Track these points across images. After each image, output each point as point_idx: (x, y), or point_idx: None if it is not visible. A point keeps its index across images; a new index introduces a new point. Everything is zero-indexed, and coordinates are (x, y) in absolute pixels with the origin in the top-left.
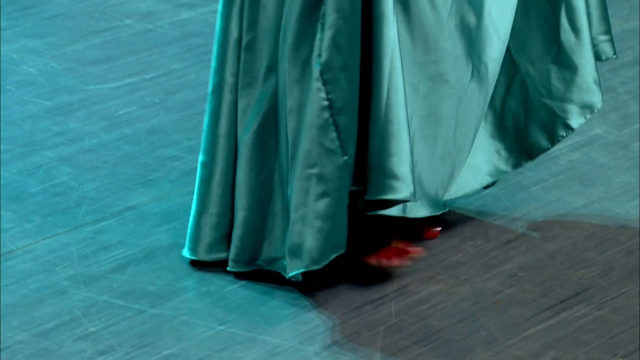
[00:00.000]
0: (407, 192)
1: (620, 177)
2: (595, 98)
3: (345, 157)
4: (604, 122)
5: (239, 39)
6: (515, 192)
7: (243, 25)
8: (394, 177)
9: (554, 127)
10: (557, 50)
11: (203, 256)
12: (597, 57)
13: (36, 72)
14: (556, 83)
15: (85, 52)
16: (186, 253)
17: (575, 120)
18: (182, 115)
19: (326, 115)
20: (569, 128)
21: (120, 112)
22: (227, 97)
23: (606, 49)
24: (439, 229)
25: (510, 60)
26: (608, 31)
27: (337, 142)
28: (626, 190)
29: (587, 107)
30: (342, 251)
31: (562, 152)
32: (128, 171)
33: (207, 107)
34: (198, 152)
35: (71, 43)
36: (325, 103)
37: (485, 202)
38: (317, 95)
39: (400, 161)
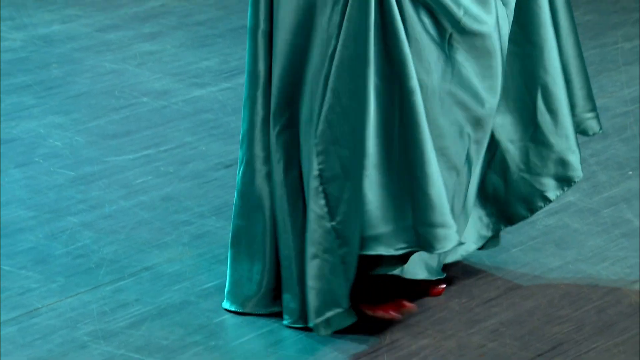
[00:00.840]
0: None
1: (592, 241)
2: (573, 172)
3: (332, 223)
4: (576, 191)
5: (267, 117)
6: (496, 254)
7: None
8: (445, 226)
9: (533, 198)
10: (534, 129)
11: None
12: (584, 132)
13: (61, 145)
14: (534, 159)
15: (106, 127)
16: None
17: (553, 192)
18: (193, 183)
19: (316, 183)
20: (546, 200)
21: (137, 181)
22: (259, 168)
23: (592, 125)
24: (444, 286)
25: (491, 137)
26: (593, 109)
27: (325, 209)
28: (597, 253)
29: (564, 181)
30: (340, 310)
31: (539, 217)
32: (144, 235)
33: (238, 179)
34: (208, 217)
35: (93, 119)
36: (316, 172)
37: (469, 262)
38: (312, 164)
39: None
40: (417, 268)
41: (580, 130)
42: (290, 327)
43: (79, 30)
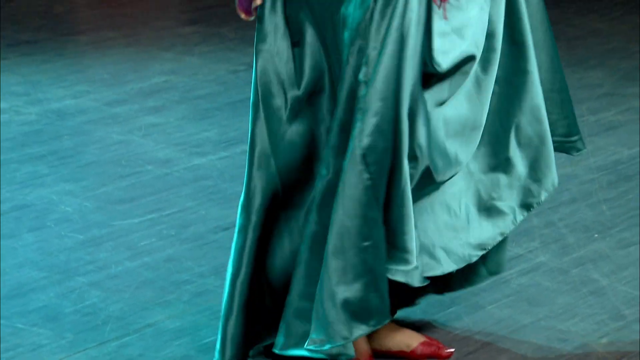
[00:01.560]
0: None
1: (562, 299)
2: (532, 199)
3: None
4: (547, 252)
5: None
6: (473, 310)
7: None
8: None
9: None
10: (506, 161)
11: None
12: (569, 153)
13: (72, 211)
14: (503, 187)
15: (113, 193)
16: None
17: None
18: (194, 245)
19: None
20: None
21: (142, 243)
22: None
23: (578, 146)
24: (452, 350)
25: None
26: (577, 133)
27: (379, 215)
28: (567, 310)
29: (524, 207)
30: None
31: (512, 276)
32: (148, 293)
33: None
34: (207, 277)
35: (101, 186)
36: (369, 183)
37: (448, 318)
38: (361, 176)
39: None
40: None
41: (564, 150)
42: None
43: (88, 105)
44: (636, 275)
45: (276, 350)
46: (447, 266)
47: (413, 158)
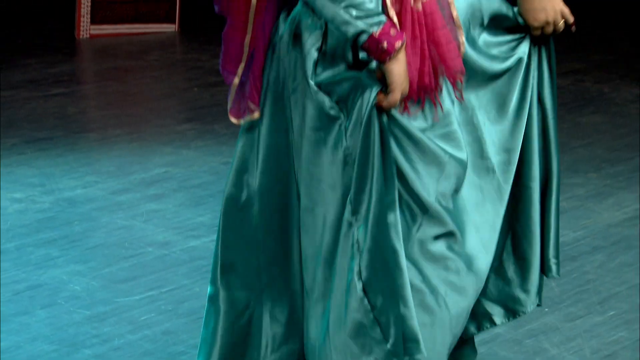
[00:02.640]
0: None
1: None
2: (519, 307)
3: (388, 345)
4: (503, 324)
5: None
6: None
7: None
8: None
9: (483, 319)
10: (498, 263)
11: None
12: (544, 273)
13: (80, 289)
14: (492, 287)
15: (117, 272)
16: None
17: (499, 318)
18: (189, 319)
19: (371, 316)
20: (493, 323)
21: (142, 318)
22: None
23: (554, 269)
24: None
25: None
26: (557, 255)
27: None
28: None
29: (510, 312)
30: None
31: None
32: None
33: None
34: None
35: (107, 266)
36: (369, 307)
37: None
38: (362, 303)
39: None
40: None
41: (533, 272)
42: None
43: (96, 194)
44: (582, 345)
45: None
46: None
47: None
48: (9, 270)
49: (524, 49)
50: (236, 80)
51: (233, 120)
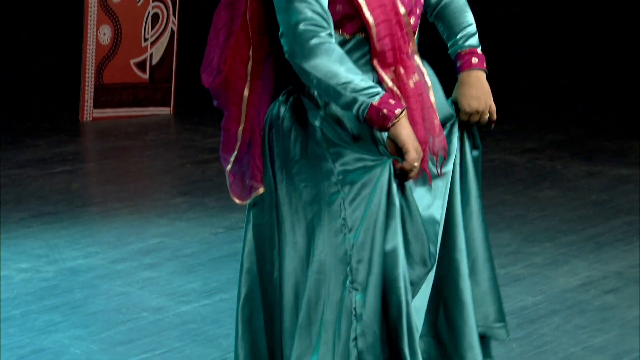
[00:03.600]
0: None
1: None
2: None
3: None
4: None
5: None
6: None
7: None
8: None
9: None
10: (435, 330)
11: None
12: (494, 339)
13: (80, 352)
14: (432, 351)
15: (115, 336)
16: None
17: None
18: None
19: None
20: None
21: None
22: None
23: (501, 333)
24: None
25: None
26: (502, 319)
27: None
28: None
29: None
30: None
31: None
32: None
33: None
34: None
35: (105, 330)
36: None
37: None
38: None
39: None
40: None
41: (490, 335)
42: None
43: (96, 263)
44: None
45: None
46: None
47: None
48: (14, 336)
49: (456, 133)
50: (229, 167)
51: (236, 201)
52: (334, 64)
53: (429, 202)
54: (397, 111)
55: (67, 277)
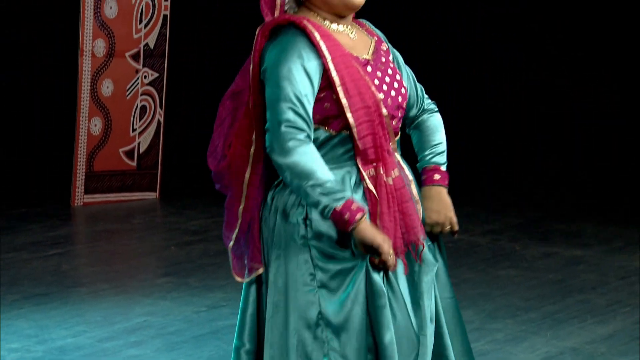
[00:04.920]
0: None
1: None
2: None
3: None
4: None
5: None
6: None
7: None
8: None
9: None
10: None
11: None
12: None
13: None
14: None
15: None
16: None
17: None
18: None
19: None
20: None
21: None
22: None
23: None
24: None
25: None
26: None
27: None
28: None
29: None
30: None
31: None
32: None
33: None
34: None
35: None
36: None
37: None
38: None
39: None
40: None
41: None
42: None
43: (84, 342)
44: None
45: None
46: None
47: None
48: None
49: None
50: (231, 244)
51: (238, 279)
52: (306, 165)
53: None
54: (358, 216)
55: (56, 356)
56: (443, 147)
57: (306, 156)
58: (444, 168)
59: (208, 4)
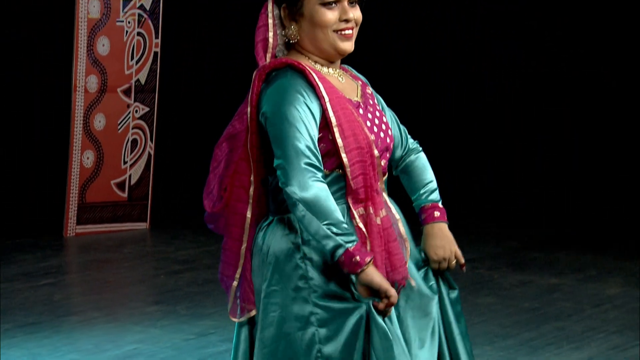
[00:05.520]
0: None
1: None
2: None
3: None
4: None
5: None
6: None
7: None
8: None
9: None
10: None
11: None
12: None
13: None
14: None
15: None
16: None
17: None
18: None
19: None
20: None
21: None
22: None
23: None
24: None
25: None
26: None
27: None
28: None
29: None
30: None
31: None
32: None
33: None
34: None
35: None
36: None
37: None
38: None
39: None
40: None
41: None
42: None
43: None
44: None
45: None
46: None
47: None
48: None
49: (432, 278)
50: (235, 284)
51: (233, 319)
52: (324, 202)
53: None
54: (367, 259)
55: None
56: (435, 184)
57: (324, 193)
58: (440, 204)
59: (198, 42)
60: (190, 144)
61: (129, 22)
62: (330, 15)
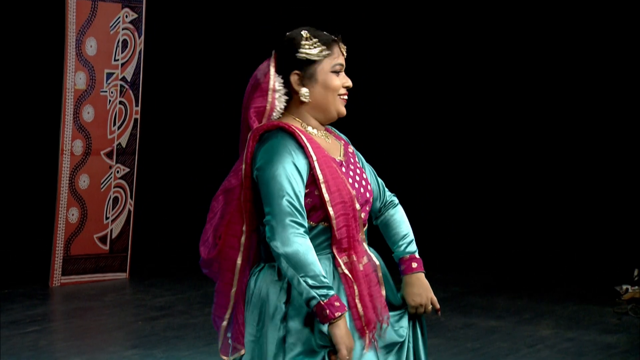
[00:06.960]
0: None
1: None
2: None
3: None
4: None
5: None
6: None
7: None
8: None
9: None
10: None
11: None
12: None
13: None
14: None
15: None
16: None
17: None
18: None
19: None
20: None
21: None
22: None
23: None
24: None
25: None
26: None
27: None
28: None
29: None
30: None
31: None
32: None
33: None
34: None
35: None
36: None
37: None
38: None
39: None
40: None
41: None
42: None
43: None
44: None
45: None
46: None
47: None
48: None
49: (405, 322)
50: (224, 324)
51: (224, 358)
52: (302, 256)
53: None
54: (337, 314)
55: None
56: (411, 236)
57: (303, 248)
58: (417, 255)
59: (175, 110)
60: (167, 201)
61: (111, 92)
62: (338, 81)
